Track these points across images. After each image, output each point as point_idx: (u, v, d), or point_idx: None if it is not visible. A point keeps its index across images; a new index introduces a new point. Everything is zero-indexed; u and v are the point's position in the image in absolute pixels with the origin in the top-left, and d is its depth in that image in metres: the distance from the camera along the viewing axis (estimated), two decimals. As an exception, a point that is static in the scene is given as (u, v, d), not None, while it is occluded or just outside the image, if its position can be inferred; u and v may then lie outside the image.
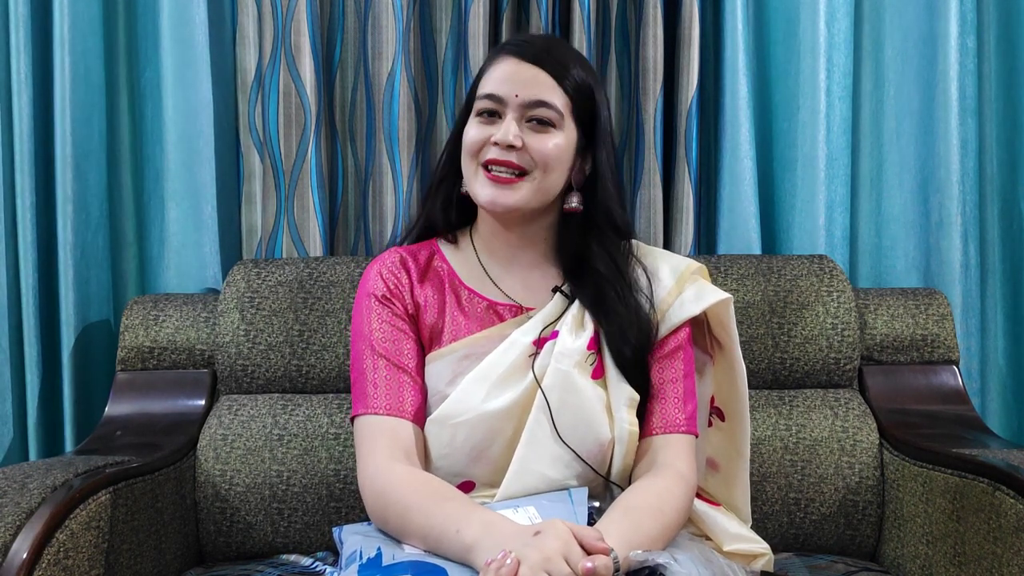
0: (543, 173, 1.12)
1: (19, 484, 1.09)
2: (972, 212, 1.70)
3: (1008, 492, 1.11)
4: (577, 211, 1.18)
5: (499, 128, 1.12)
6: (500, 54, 1.16)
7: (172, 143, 1.65)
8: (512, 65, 1.14)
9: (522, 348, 1.13)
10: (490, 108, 1.13)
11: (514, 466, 1.08)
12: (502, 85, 1.13)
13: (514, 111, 1.12)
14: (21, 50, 1.59)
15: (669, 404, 1.14)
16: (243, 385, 1.49)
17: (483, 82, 1.16)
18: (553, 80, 1.12)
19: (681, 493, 1.07)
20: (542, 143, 1.12)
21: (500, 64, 1.15)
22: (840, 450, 1.43)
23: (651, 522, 1.01)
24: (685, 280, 1.18)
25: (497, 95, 1.13)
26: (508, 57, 1.15)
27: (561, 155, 1.13)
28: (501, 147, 1.11)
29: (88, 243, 1.65)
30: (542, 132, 1.12)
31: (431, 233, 1.26)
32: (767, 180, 1.72)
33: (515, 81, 1.12)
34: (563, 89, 1.13)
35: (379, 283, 1.18)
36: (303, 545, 1.41)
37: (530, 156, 1.11)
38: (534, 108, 1.12)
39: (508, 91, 1.12)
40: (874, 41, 1.72)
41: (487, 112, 1.14)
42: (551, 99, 1.12)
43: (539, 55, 1.13)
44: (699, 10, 1.62)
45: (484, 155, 1.13)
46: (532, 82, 1.12)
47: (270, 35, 1.64)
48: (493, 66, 1.16)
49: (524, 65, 1.13)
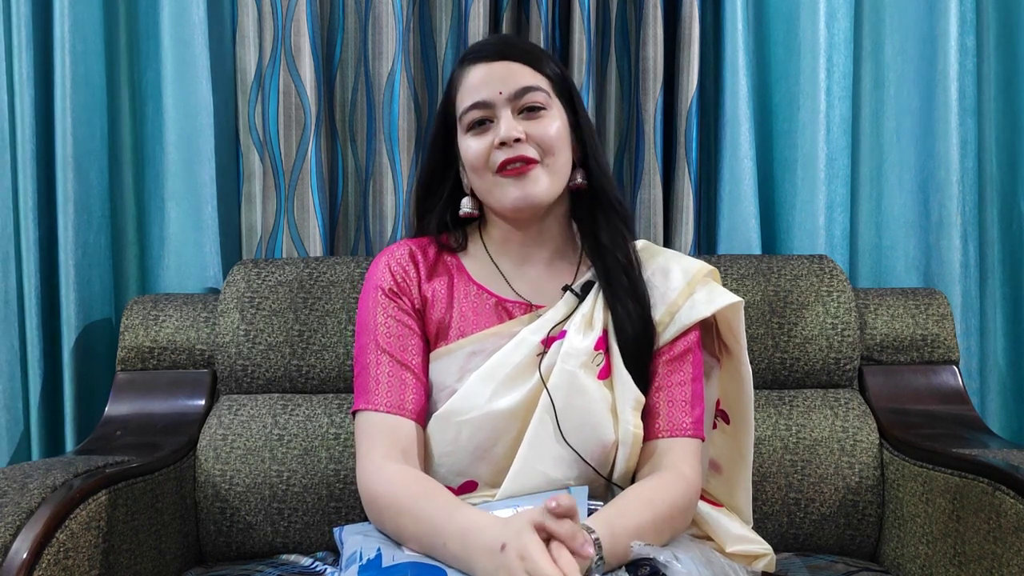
0: (553, 157, 1.13)
1: (19, 484, 1.09)
2: (972, 212, 1.70)
3: (1008, 492, 1.11)
4: (583, 187, 1.18)
5: (496, 130, 1.12)
6: (464, 65, 1.17)
7: (172, 143, 1.65)
8: (482, 69, 1.14)
9: (530, 347, 1.12)
10: (480, 117, 1.13)
11: (516, 465, 1.08)
12: (483, 89, 1.13)
13: (504, 107, 1.12)
14: (22, 51, 1.59)
15: (676, 407, 1.13)
16: (243, 385, 1.49)
17: (460, 97, 1.15)
18: (527, 67, 1.14)
19: (678, 489, 1.06)
20: (542, 128, 1.12)
21: (469, 73, 1.15)
22: (840, 450, 1.43)
23: (638, 508, 1.01)
24: (696, 282, 1.17)
25: (482, 100, 1.12)
26: (473, 64, 1.15)
27: (561, 133, 1.14)
28: (508, 144, 1.11)
29: (89, 243, 1.65)
30: (538, 118, 1.13)
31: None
32: (767, 180, 1.72)
33: (494, 79, 1.12)
34: (540, 72, 1.15)
35: (387, 276, 1.17)
36: (303, 545, 1.41)
37: (535, 144, 1.12)
38: (522, 96, 1.12)
39: (491, 92, 1.12)
40: (874, 41, 1.72)
41: (478, 122, 1.13)
42: (534, 83, 1.13)
43: (502, 50, 1.15)
44: (699, 10, 1.62)
45: (495, 162, 1.12)
46: (509, 74, 1.13)
47: (270, 35, 1.64)
48: (463, 79, 1.16)
49: (493, 64, 1.14)
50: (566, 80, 1.19)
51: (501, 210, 1.15)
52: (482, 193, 1.16)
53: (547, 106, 1.13)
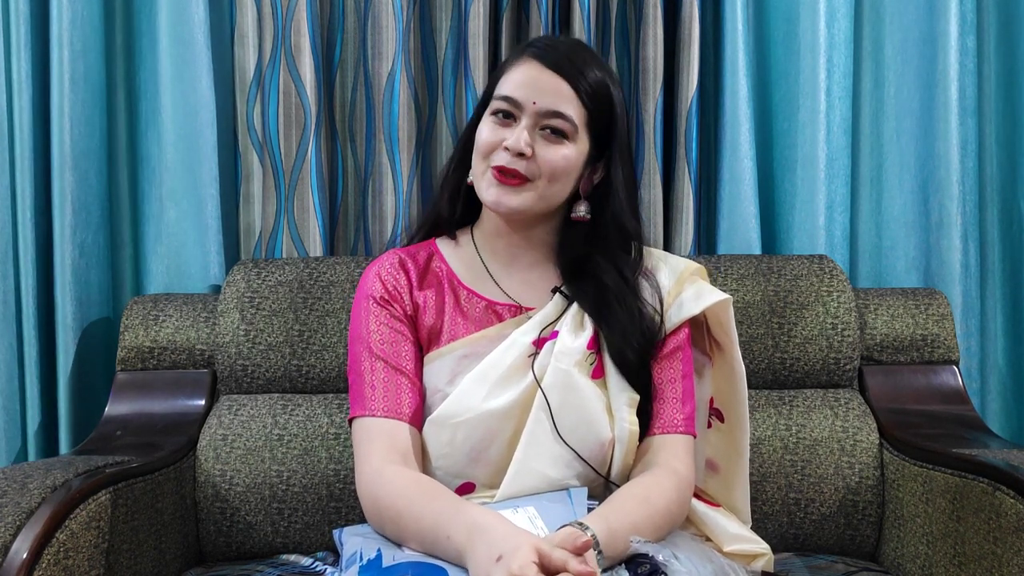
0: (547, 183, 1.12)
1: (19, 484, 1.09)
2: (972, 212, 1.70)
3: (1008, 492, 1.11)
4: (584, 220, 1.18)
5: (512, 132, 1.11)
6: (523, 55, 1.15)
7: (171, 143, 1.65)
8: (534, 70, 1.13)
9: (522, 348, 1.13)
10: (506, 110, 1.13)
11: (514, 466, 1.08)
12: (521, 89, 1.12)
13: (529, 117, 1.11)
14: (20, 49, 1.59)
15: (668, 404, 1.14)
16: (243, 385, 1.49)
17: (503, 82, 1.15)
18: (572, 91, 1.12)
19: (671, 486, 1.07)
20: (552, 154, 1.11)
21: (521, 66, 1.14)
22: (840, 450, 1.43)
23: (634, 505, 1.02)
24: (684, 281, 1.18)
25: (515, 99, 1.12)
26: (530, 60, 1.14)
27: (569, 166, 1.13)
28: (512, 154, 1.11)
29: (87, 243, 1.64)
30: (554, 143, 1.12)
31: (436, 228, 1.26)
32: (767, 180, 1.72)
33: (534, 88, 1.12)
34: (581, 101, 1.12)
35: (377, 285, 1.18)
36: (303, 545, 1.41)
37: (537, 165, 1.11)
38: (550, 118, 1.11)
39: (526, 97, 1.12)
40: (874, 41, 1.72)
41: (503, 113, 1.13)
42: (567, 111, 1.11)
43: (561, 63, 1.12)
44: (699, 10, 1.62)
45: (494, 159, 1.12)
46: (550, 91, 1.11)
47: (270, 35, 1.64)
48: (514, 67, 1.15)
49: (545, 72, 1.12)
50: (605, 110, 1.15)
51: (481, 200, 1.16)
52: (475, 175, 1.17)
53: (569, 136, 1.12)
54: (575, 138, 1.13)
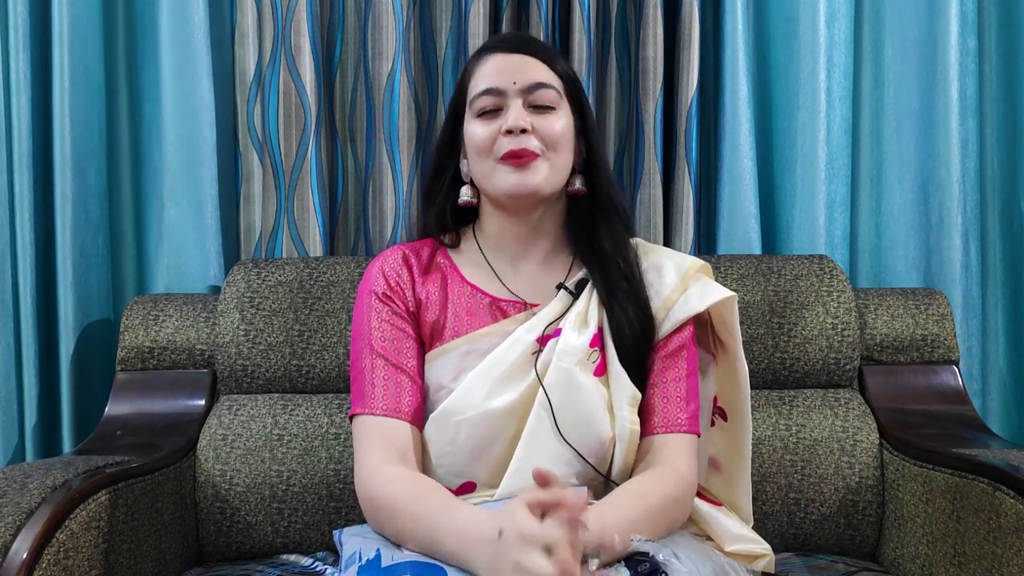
0: (554, 153, 1.14)
1: (19, 484, 1.09)
2: (973, 212, 1.70)
3: (1008, 492, 1.11)
4: (581, 192, 1.19)
5: (504, 118, 1.13)
6: (483, 54, 1.18)
7: (171, 143, 1.65)
8: (500, 59, 1.16)
9: (525, 345, 1.13)
10: (491, 104, 1.14)
11: (515, 464, 1.08)
12: (498, 77, 1.14)
13: (516, 97, 1.13)
14: (20, 49, 1.59)
15: (671, 403, 1.13)
16: (243, 385, 1.49)
17: (474, 83, 1.16)
18: (544, 64, 1.16)
19: (670, 483, 1.07)
20: (549, 124, 1.13)
21: (487, 62, 1.16)
22: (840, 450, 1.43)
23: (630, 501, 1.02)
24: (689, 277, 1.18)
25: (495, 87, 1.14)
26: (494, 54, 1.17)
27: (566, 132, 1.15)
28: (514, 134, 1.12)
29: (87, 243, 1.65)
30: (546, 114, 1.14)
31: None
32: (767, 180, 1.72)
33: (510, 70, 1.14)
34: (555, 71, 1.17)
35: (380, 280, 1.18)
36: (303, 545, 1.41)
37: (540, 138, 1.13)
38: (535, 91, 1.14)
39: (506, 81, 1.14)
40: (874, 41, 1.72)
41: (489, 109, 1.14)
42: (548, 80, 1.15)
43: (522, 45, 1.17)
44: (699, 10, 1.62)
45: (499, 150, 1.13)
46: (526, 68, 1.15)
47: (270, 35, 1.64)
48: (480, 66, 1.17)
49: (513, 56, 1.15)
50: (577, 84, 1.20)
51: (497, 196, 1.16)
52: (480, 178, 1.17)
53: (556, 106, 1.15)
54: (561, 107, 1.16)
